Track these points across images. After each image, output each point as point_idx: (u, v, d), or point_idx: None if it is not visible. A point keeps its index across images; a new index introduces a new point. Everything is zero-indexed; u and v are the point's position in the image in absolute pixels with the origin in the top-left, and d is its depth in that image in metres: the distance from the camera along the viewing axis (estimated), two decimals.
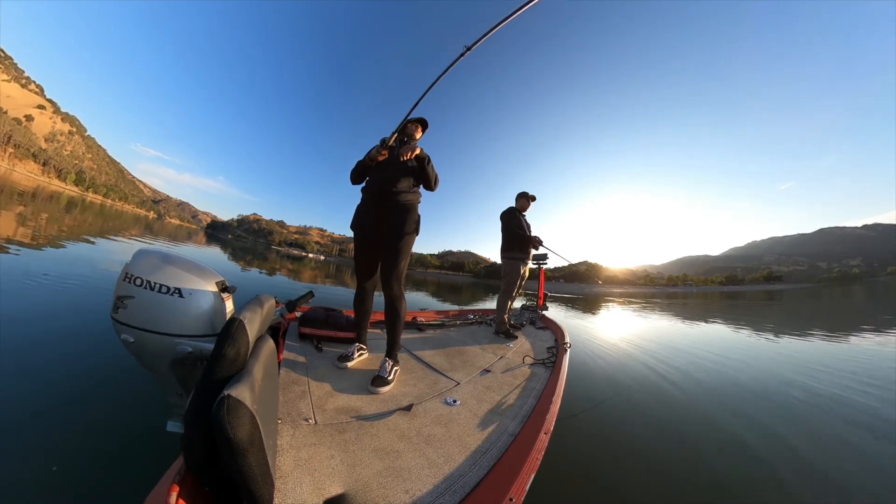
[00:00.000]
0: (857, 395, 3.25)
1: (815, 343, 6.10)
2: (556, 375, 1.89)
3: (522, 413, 1.48)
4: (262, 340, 1.01)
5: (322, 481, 0.94)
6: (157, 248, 1.24)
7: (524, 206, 3.55)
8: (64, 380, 1.98)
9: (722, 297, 30.01)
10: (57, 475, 1.29)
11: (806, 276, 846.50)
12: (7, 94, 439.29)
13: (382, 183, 1.86)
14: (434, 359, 2.14)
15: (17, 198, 20.53)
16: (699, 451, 2.06)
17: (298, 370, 1.65)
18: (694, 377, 3.61)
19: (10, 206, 13.18)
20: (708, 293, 56.42)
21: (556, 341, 2.89)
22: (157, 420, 1.32)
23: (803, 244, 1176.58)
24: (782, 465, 1.94)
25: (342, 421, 1.26)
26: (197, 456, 0.71)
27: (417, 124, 2.00)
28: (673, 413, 2.63)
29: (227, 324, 0.82)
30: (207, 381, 0.74)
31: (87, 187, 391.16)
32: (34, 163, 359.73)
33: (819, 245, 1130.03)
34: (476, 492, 0.97)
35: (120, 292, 1.04)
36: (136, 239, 12.37)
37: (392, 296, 1.82)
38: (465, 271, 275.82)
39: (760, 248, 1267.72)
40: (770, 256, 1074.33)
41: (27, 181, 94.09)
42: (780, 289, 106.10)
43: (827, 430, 2.44)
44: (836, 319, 10.35)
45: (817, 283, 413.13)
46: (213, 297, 1.15)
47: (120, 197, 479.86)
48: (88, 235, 9.72)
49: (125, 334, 1.04)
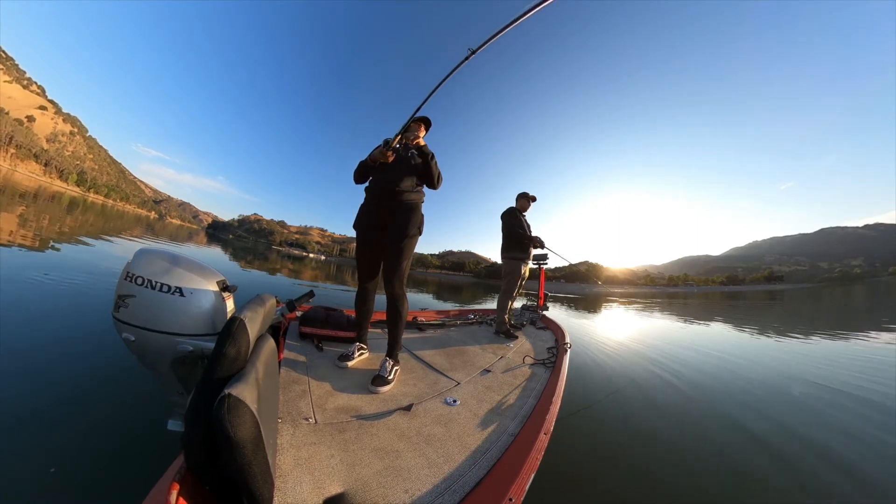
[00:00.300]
0: (862, 391, 3.25)
1: (819, 342, 6.09)
2: (556, 376, 1.89)
3: (522, 413, 1.48)
4: (263, 340, 1.01)
5: (322, 480, 0.94)
6: (158, 247, 1.24)
7: (524, 206, 3.55)
8: (65, 379, 1.99)
9: (723, 298, 29.96)
10: (57, 474, 1.30)
11: (807, 276, 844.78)
12: (8, 95, 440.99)
13: (385, 182, 1.85)
14: (434, 359, 2.14)
15: (19, 198, 20.59)
16: (700, 451, 2.05)
17: (299, 369, 1.65)
18: (695, 377, 3.61)
19: (12, 207, 13.22)
20: (709, 293, 56.33)
21: (557, 341, 2.89)
22: (157, 419, 1.32)
23: (804, 244, 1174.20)
24: (786, 465, 1.93)
25: (342, 420, 1.26)
26: (197, 455, 0.71)
27: (420, 123, 1.99)
28: (674, 412, 2.63)
29: (228, 323, 0.82)
30: (208, 380, 0.74)
31: (88, 188, 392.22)
32: (36, 163, 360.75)
33: (820, 245, 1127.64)
34: (476, 492, 0.97)
35: (121, 291, 1.05)
36: (138, 239, 12.41)
37: (394, 296, 1.81)
38: (466, 271, 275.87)
39: (761, 248, 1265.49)
40: (771, 256, 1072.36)
41: (29, 182, 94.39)
42: (781, 289, 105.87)
43: (833, 429, 2.43)
44: (838, 319, 10.33)
45: (818, 283, 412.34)
46: (214, 297, 1.15)
47: (121, 197, 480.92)
48: (90, 236, 9.75)
49: (126, 333, 1.04)
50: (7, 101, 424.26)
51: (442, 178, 2.01)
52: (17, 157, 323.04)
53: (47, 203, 22.49)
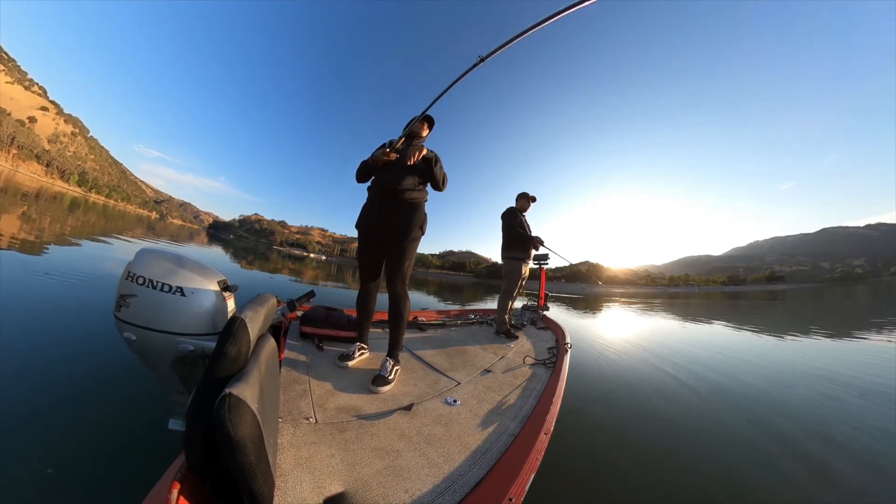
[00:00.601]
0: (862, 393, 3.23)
1: (821, 341, 6.07)
2: (556, 376, 1.89)
3: (523, 413, 1.48)
4: (264, 339, 1.01)
5: (322, 480, 0.94)
6: (159, 247, 1.24)
7: (524, 206, 3.56)
8: (66, 378, 1.99)
9: (724, 298, 29.88)
10: (58, 474, 1.30)
11: (809, 276, 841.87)
12: (10, 96, 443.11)
13: (387, 182, 1.85)
14: (435, 358, 2.14)
15: (21, 199, 20.65)
16: (701, 452, 2.05)
17: (299, 369, 1.65)
18: (696, 376, 3.60)
19: (13, 207, 13.26)
20: (710, 293, 56.16)
21: (557, 341, 2.89)
22: (158, 418, 1.33)
23: (806, 244, 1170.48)
24: (789, 466, 1.93)
25: (343, 420, 1.26)
26: (198, 454, 0.71)
27: (423, 122, 1.98)
28: (675, 413, 2.62)
29: (229, 323, 0.82)
30: (209, 380, 0.74)
31: (89, 188, 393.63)
32: (37, 164, 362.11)
33: (822, 245, 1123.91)
34: (476, 491, 0.97)
35: (123, 291, 1.05)
36: (137, 240, 12.44)
37: (396, 296, 1.80)
38: (467, 271, 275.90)
39: (763, 247, 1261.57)
40: (772, 256, 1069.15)
41: (31, 182, 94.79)
42: (782, 289, 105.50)
43: (837, 428, 2.42)
44: (841, 319, 10.30)
45: (820, 283, 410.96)
46: (215, 296, 1.15)
47: (122, 197, 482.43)
48: (90, 236, 9.77)
49: (128, 332, 1.05)
50: (9, 102, 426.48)
51: (447, 180, 2.00)
52: (19, 158, 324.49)
53: (49, 203, 22.57)
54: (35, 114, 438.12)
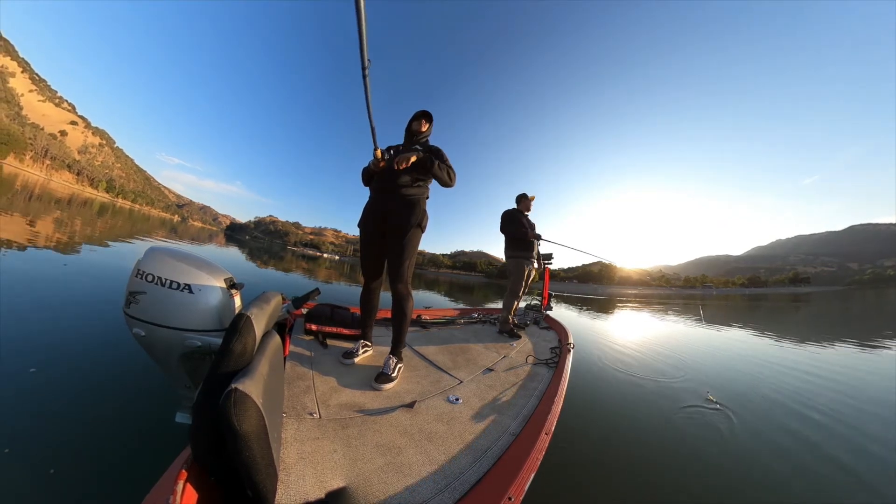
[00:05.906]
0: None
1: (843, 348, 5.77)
2: (558, 376, 1.86)
3: (524, 413, 1.47)
4: (269, 336, 1.03)
5: (324, 475, 0.95)
6: (168, 246, 1.29)
7: (527, 206, 3.55)
8: (77, 373, 2.06)
9: (744, 300, 28.76)
10: (69, 466, 1.33)
11: (835, 277, 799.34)
12: (43, 113, 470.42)
13: (384, 181, 1.86)
14: (437, 357, 2.14)
15: (55, 205, 21.82)
16: (702, 453, 2.00)
17: (304, 365, 1.67)
18: (698, 379, 3.49)
19: (48, 212, 14.01)
20: (729, 295, 54.19)
21: (560, 342, 2.85)
22: (165, 411, 1.37)
23: (832, 243, 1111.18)
24: (788, 468, 1.87)
25: (346, 416, 1.28)
26: (204, 446, 0.73)
27: (422, 119, 1.97)
28: (675, 413, 2.56)
29: (235, 319, 0.84)
30: (215, 375, 0.75)
31: (116, 194, 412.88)
32: (69, 173, 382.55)
33: (849, 244, 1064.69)
34: (476, 489, 0.96)
35: (132, 288, 1.09)
36: (162, 240, 12.90)
37: (399, 295, 1.80)
38: (478, 271, 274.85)
39: (786, 247, 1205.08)
40: (796, 256, 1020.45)
41: (63, 189, 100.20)
42: (807, 291, 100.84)
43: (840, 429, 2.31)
44: (868, 326, 9.76)
45: (847, 285, 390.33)
46: (222, 294, 1.18)
47: (147, 202, 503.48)
48: (118, 237, 10.22)
49: (137, 328, 1.09)
50: (42, 118, 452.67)
51: (454, 176, 1.96)
52: (53, 168, 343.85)
53: (80, 208, 23.74)
54: (66, 128, 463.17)
